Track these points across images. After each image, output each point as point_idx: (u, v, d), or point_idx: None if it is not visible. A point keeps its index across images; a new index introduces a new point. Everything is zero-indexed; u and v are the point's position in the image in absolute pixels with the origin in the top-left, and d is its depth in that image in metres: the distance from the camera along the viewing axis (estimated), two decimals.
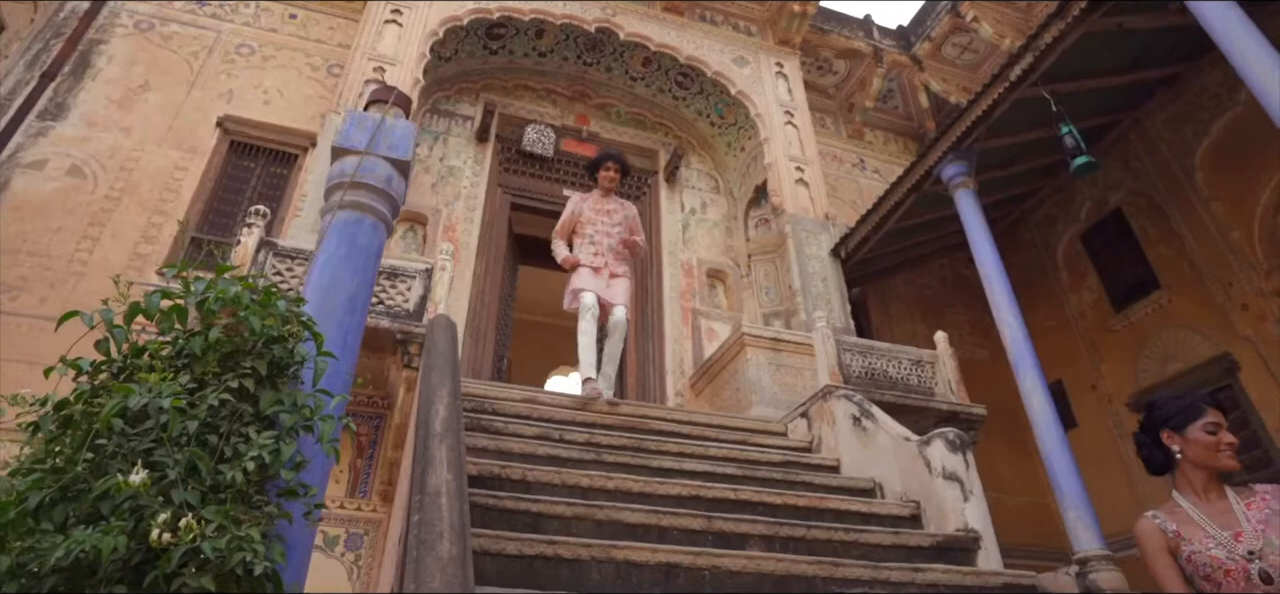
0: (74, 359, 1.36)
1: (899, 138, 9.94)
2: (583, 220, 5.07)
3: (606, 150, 5.33)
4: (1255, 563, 2.04)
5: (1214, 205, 6.97)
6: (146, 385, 1.26)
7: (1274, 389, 6.13)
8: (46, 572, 1.05)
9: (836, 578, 2.65)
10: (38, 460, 1.24)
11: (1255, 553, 2.05)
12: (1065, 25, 5.24)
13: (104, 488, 1.12)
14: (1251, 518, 2.12)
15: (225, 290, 1.48)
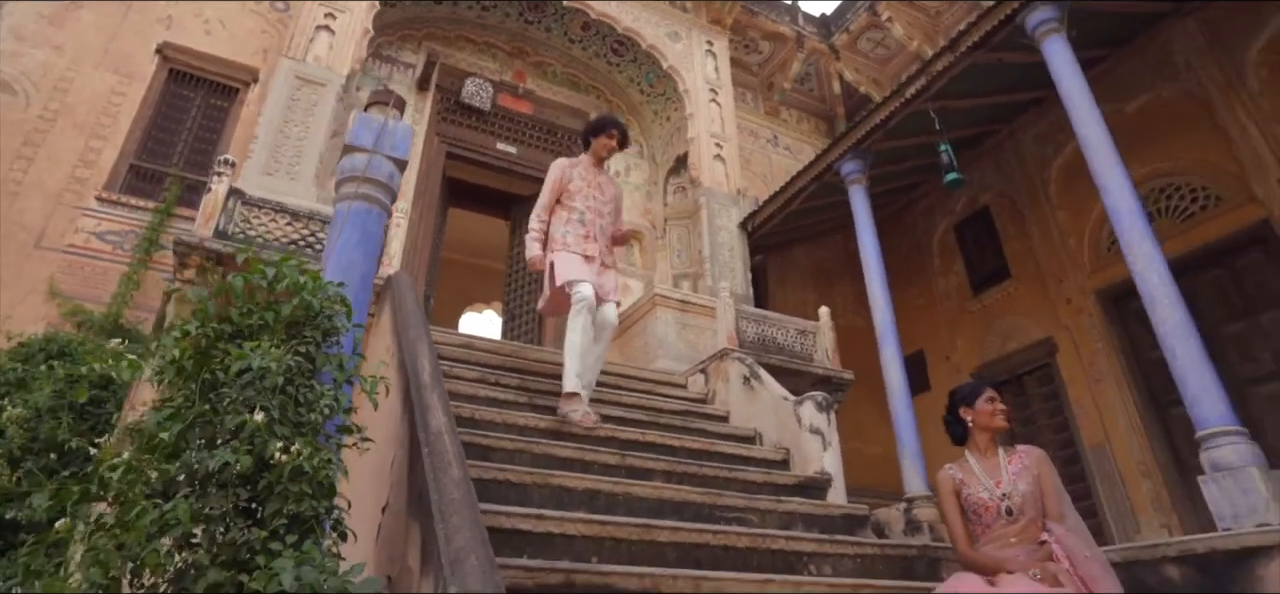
0: (183, 324, 1.87)
1: (811, 118, 10.81)
2: (571, 190, 4.30)
3: (609, 115, 4.83)
4: (1004, 502, 2.97)
5: (1059, 214, 8.21)
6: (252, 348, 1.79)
7: (1079, 368, 7.50)
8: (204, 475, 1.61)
9: (720, 506, 3.45)
10: (167, 399, 1.77)
11: (1006, 495, 2.98)
12: (955, 57, 6.11)
13: (236, 424, 1.67)
14: (1010, 470, 3.05)
15: (295, 277, 1.99)
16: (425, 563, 1.76)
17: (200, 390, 1.77)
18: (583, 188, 4.34)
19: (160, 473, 1.66)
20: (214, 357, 1.84)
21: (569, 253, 4.13)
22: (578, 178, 4.38)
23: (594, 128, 4.55)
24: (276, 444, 1.67)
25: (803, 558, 3.17)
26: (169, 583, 1.60)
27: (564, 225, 4.25)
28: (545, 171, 7.78)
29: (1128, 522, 6.70)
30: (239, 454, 1.63)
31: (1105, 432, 7.16)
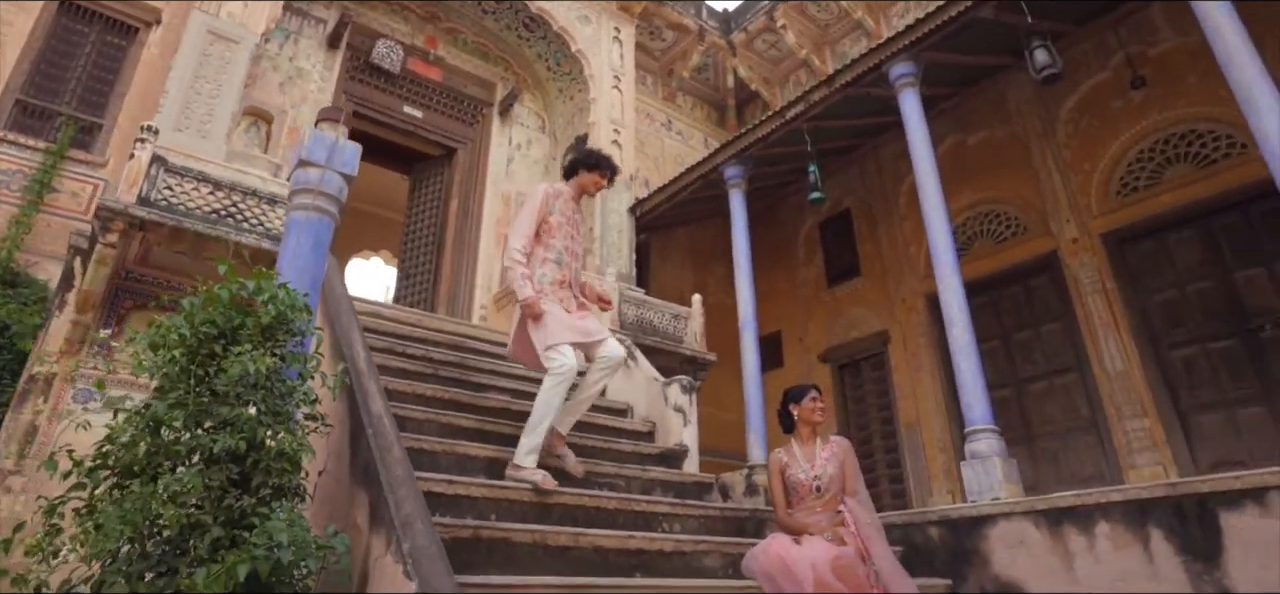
0: (176, 327, 2.31)
1: (704, 106, 11.60)
2: (551, 224, 3.92)
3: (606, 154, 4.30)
4: (815, 481, 3.91)
5: (905, 224, 9.51)
6: (240, 352, 2.27)
7: (905, 358, 8.90)
8: (208, 454, 2.12)
9: (596, 473, 4.20)
10: (169, 390, 2.23)
11: (818, 477, 3.92)
12: (830, 91, 7.02)
13: (231, 415, 2.17)
14: (822, 457, 3.99)
15: (273, 291, 2.46)
16: (375, 523, 2.35)
17: (194, 385, 2.25)
18: (562, 223, 3.95)
19: (165, 449, 2.14)
20: (204, 356, 2.31)
21: (549, 302, 3.74)
22: (558, 211, 3.97)
23: (586, 160, 4.14)
24: (266, 431, 2.20)
25: (660, 518, 3.98)
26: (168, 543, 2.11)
27: (541, 266, 3.84)
28: (450, 137, 8.23)
29: (924, 489, 8.18)
30: (236, 438, 2.15)
31: (918, 413, 8.60)
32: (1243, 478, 3.77)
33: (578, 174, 4.15)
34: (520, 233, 3.87)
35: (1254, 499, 3.65)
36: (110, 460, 2.17)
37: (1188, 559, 3.77)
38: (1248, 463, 6.15)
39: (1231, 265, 7.06)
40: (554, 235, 3.93)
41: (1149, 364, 7.22)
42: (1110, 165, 8.08)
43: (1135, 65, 7.96)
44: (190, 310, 2.32)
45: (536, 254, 3.87)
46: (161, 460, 2.14)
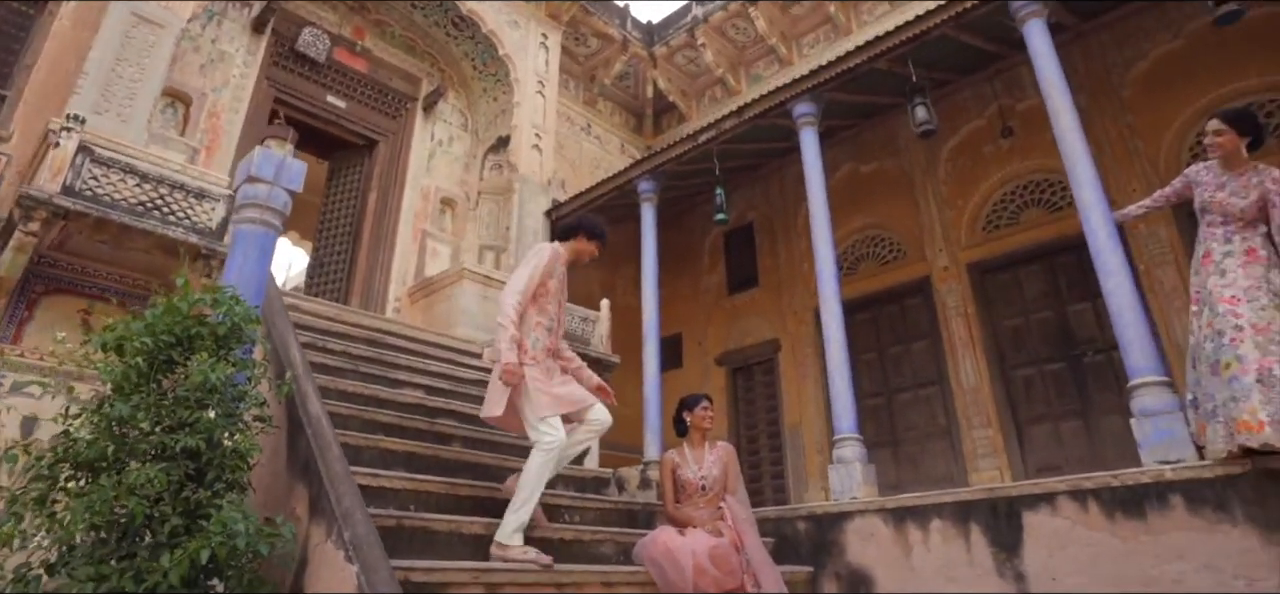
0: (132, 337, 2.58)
1: (623, 112, 12.08)
2: (549, 289, 3.82)
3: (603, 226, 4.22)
4: (702, 481, 4.49)
5: (801, 241, 10.33)
6: (202, 361, 2.56)
7: (793, 365, 9.74)
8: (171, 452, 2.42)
9: (506, 467, 4.62)
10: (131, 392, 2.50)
11: (704, 477, 4.50)
12: (739, 120, 7.65)
13: (194, 417, 2.47)
14: (709, 459, 4.58)
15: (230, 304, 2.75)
16: (315, 514, 2.71)
17: (156, 389, 2.54)
18: (557, 289, 3.89)
19: (130, 447, 2.43)
20: (162, 362, 2.60)
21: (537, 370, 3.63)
22: (557, 275, 3.89)
23: (590, 229, 4.09)
24: (223, 432, 2.52)
25: (562, 510, 4.45)
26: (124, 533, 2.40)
27: (532, 330, 3.72)
28: (372, 129, 8.32)
29: (802, 485, 9.04)
30: (196, 438, 2.46)
31: (801, 416, 9.46)
32: (1039, 485, 4.65)
33: (576, 239, 4.04)
34: (516, 291, 3.67)
35: (1046, 502, 4.50)
36: (71, 456, 2.42)
37: (996, 549, 4.60)
38: (1064, 468, 7.28)
39: (1066, 299, 8.21)
40: (550, 300, 3.80)
41: (996, 381, 8.30)
42: (979, 203, 9.14)
43: (1006, 116, 9.01)
44: (152, 320, 2.60)
45: (529, 316, 3.71)
46: (123, 457, 2.43)
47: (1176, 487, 4.09)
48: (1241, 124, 4.07)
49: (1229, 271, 3.94)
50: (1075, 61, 8.47)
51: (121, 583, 2.22)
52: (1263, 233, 3.97)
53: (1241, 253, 3.97)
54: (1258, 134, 4.11)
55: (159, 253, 4.80)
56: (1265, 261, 3.89)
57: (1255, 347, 3.65)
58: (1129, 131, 8.32)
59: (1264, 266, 3.88)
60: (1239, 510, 3.85)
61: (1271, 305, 3.75)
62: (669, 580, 3.77)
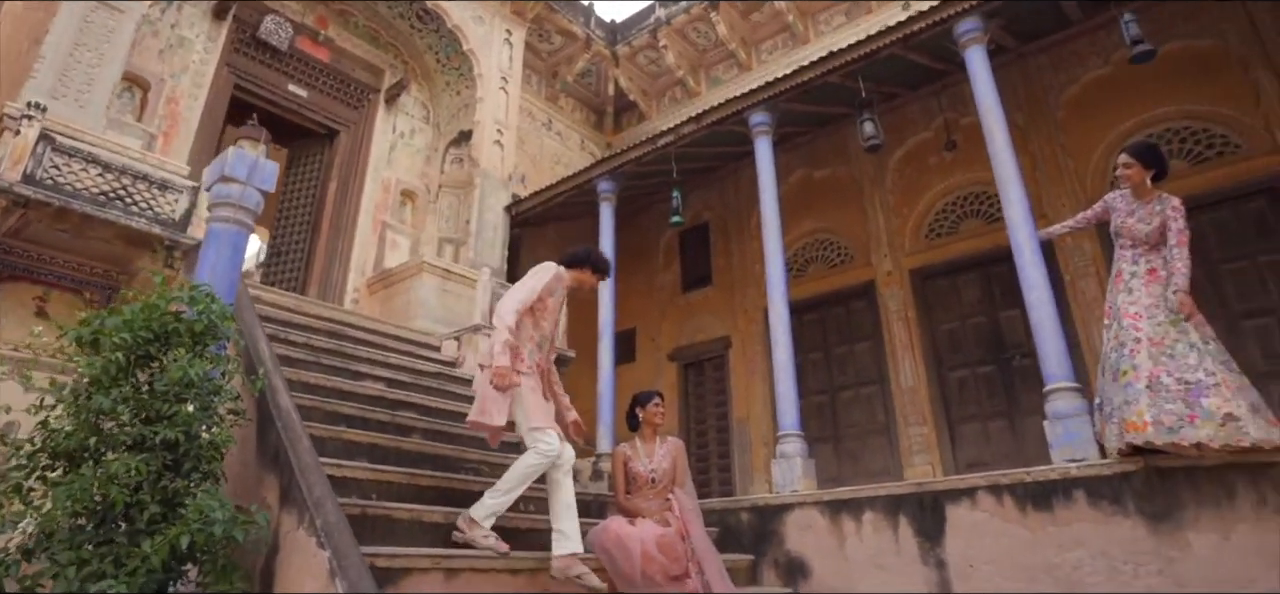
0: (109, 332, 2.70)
1: (584, 109, 12.25)
2: (548, 305, 3.94)
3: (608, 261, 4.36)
4: (652, 474, 4.75)
5: (753, 243, 10.67)
6: (180, 358, 2.70)
7: (743, 362, 10.10)
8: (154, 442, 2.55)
9: (463, 458, 4.82)
10: (110, 385, 2.62)
11: (654, 470, 4.76)
12: (697, 126, 7.92)
13: (173, 411, 2.61)
14: (659, 454, 4.84)
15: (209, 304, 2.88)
16: (286, 502, 2.88)
17: (136, 382, 2.68)
18: (554, 308, 4.00)
19: (109, 439, 2.57)
20: (140, 357, 2.74)
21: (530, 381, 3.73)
22: (557, 296, 4.02)
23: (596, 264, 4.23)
24: (200, 425, 2.67)
25: (518, 500, 4.66)
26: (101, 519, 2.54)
27: (526, 342, 3.79)
28: (333, 119, 8.32)
29: (748, 477, 9.42)
30: (175, 430, 2.61)
31: (749, 411, 9.83)
32: (962, 480, 5.06)
33: (581, 269, 4.16)
34: (516, 300, 3.75)
35: (967, 496, 4.91)
36: (50, 445, 2.55)
37: (921, 539, 5.00)
38: (990, 464, 7.78)
39: (999, 306, 8.72)
40: (545, 317, 3.90)
41: (932, 382, 8.79)
42: (923, 212, 9.60)
43: (950, 129, 9.46)
44: (130, 317, 2.72)
45: (525, 327, 3.78)
46: (102, 448, 2.56)
47: (1080, 483, 4.53)
48: (1146, 157, 4.53)
49: (1135, 290, 4.41)
50: (1015, 82, 8.99)
51: (102, 567, 2.36)
52: (1164, 255, 4.44)
53: (1145, 273, 4.44)
54: (1161, 166, 4.57)
55: (120, 242, 4.81)
56: (1164, 281, 4.36)
57: (1149, 357, 4.12)
58: (1061, 150, 8.86)
59: (1163, 286, 4.34)
60: (1131, 504, 4.31)
61: (1167, 321, 4.22)
62: (618, 567, 4.03)
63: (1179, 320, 4.14)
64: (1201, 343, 4.04)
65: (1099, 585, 4.29)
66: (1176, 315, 4.17)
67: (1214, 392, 3.84)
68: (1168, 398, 3.95)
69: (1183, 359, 4.01)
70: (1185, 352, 4.03)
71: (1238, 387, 3.88)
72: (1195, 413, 3.86)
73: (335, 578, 2.46)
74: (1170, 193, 7.69)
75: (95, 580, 2.31)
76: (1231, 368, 4.01)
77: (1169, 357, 4.08)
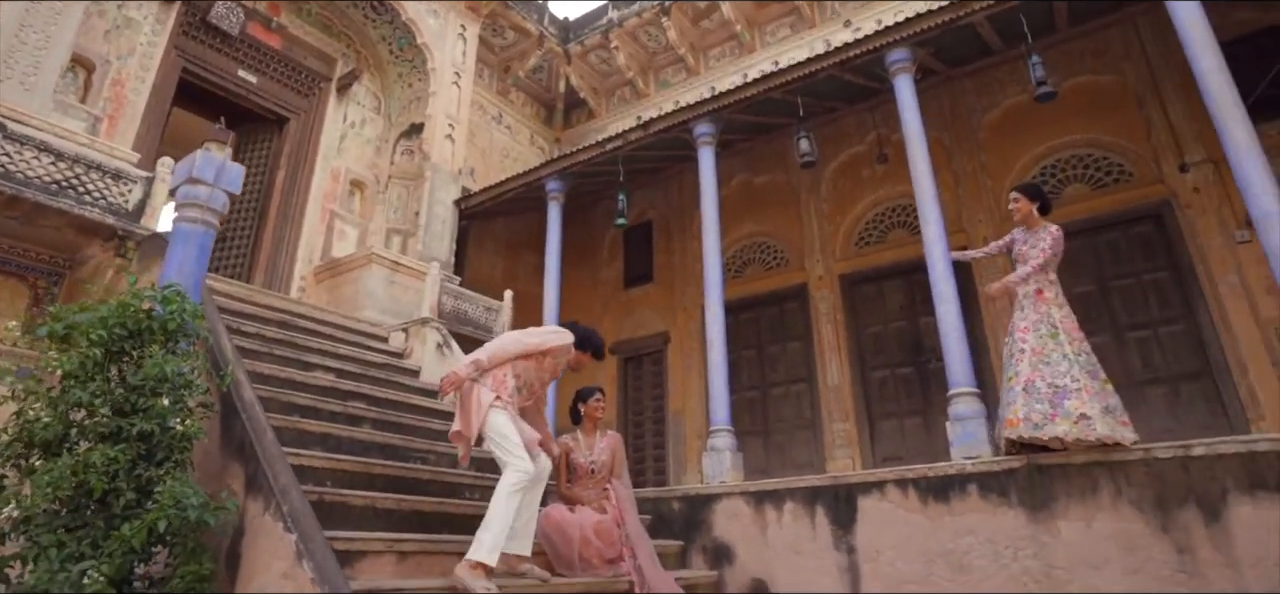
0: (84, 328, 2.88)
1: (534, 104, 12.43)
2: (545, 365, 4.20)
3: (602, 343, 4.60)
4: (592, 465, 5.09)
5: (696, 243, 11.11)
6: (154, 354, 2.89)
7: (680, 357, 10.55)
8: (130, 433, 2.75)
9: (412, 448, 5.07)
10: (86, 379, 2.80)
11: (593, 462, 5.11)
12: (645, 133, 8.25)
13: (151, 405, 2.81)
14: (599, 447, 5.19)
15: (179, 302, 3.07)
16: (252, 490, 3.11)
17: (111, 378, 2.87)
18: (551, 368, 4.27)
19: (88, 430, 2.76)
20: (115, 353, 2.93)
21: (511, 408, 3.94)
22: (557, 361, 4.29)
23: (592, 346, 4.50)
24: (174, 418, 2.89)
25: (463, 487, 4.96)
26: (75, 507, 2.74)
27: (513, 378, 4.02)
28: (283, 106, 8.31)
29: (681, 467, 9.90)
30: (151, 422, 2.82)
31: (685, 404, 10.30)
32: (872, 474, 5.59)
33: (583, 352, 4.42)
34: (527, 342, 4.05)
35: (877, 488, 5.44)
36: (26, 435, 2.73)
37: (836, 527, 5.50)
38: (905, 459, 8.43)
39: (920, 313, 9.38)
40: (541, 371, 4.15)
41: (856, 381, 9.41)
42: (854, 221, 10.21)
43: (882, 144, 10.07)
44: (106, 314, 2.91)
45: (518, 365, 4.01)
46: (78, 438, 2.76)
47: (974, 478, 5.10)
48: (1031, 193, 5.21)
49: (1026, 308, 5.08)
50: (943, 103, 9.66)
51: (80, 548, 2.57)
52: (1050, 278, 5.07)
53: (1033, 293, 5.10)
54: (1043, 200, 5.24)
55: (71, 231, 4.83)
56: (1048, 300, 5.02)
57: (1029, 365, 4.79)
58: (981, 169, 9.57)
59: (1048, 304, 5.01)
60: (1015, 496, 4.89)
61: (1047, 334, 4.89)
62: (558, 550, 4.38)
63: (1057, 334, 4.79)
64: (1073, 354, 4.71)
65: (985, 568, 4.86)
66: (1055, 329, 4.81)
67: (1075, 395, 4.53)
68: (1038, 399, 4.65)
69: (1056, 367, 4.68)
70: (1058, 360, 4.71)
71: (1096, 392, 4.58)
72: (1057, 412, 4.59)
73: (303, 560, 2.72)
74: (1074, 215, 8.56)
75: (74, 561, 2.51)
76: (1096, 376, 4.68)
77: (1045, 364, 4.75)
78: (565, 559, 4.35)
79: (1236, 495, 4.21)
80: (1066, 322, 4.91)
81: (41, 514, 2.59)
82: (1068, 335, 4.81)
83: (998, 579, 4.76)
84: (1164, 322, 8.02)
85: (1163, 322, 8.03)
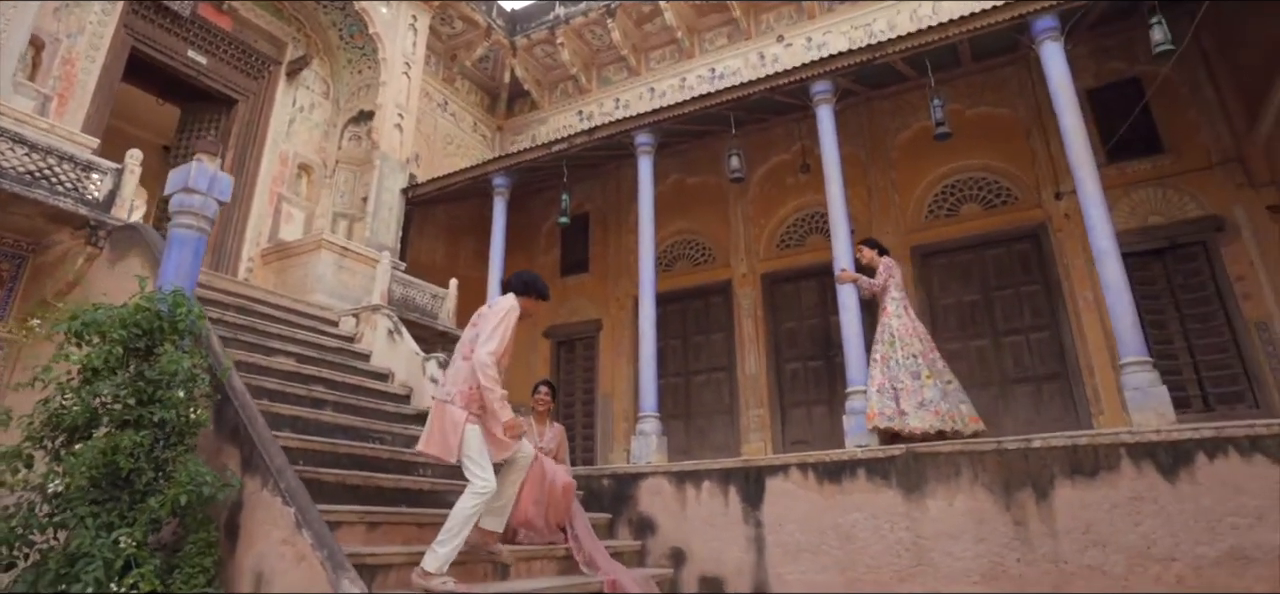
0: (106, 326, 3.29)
1: (479, 92, 12.74)
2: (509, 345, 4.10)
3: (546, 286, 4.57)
4: (541, 448, 5.73)
5: (630, 237, 11.77)
6: (168, 350, 3.32)
7: (612, 343, 11.24)
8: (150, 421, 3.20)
9: (371, 429, 5.56)
10: (107, 374, 3.22)
11: (544, 447, 5.75)
12: (589, 138, 8.81)
13: (169, 397, 3.25)
14: (548, 434, 5.84)
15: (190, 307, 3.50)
16: (248, 469, 3.60)
17: (134, 371, 3.31)
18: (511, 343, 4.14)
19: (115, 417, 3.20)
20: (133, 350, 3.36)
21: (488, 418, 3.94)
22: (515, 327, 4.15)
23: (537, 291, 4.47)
24: (191, 407, 3.35)
25: (415, 466, 5.49)
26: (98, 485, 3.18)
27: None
28: (233, 87, 8.42)
29: (609, 446, 10.64)
30: (170, 411, 3.28)
31: (614, 388, 11.02)
32: (778, 458, 6.44)
33: (528, 296, 4.39)
34: (493, 349, 3.91)
35: (782, 471, 6.27)
36: (56, 421, 3.16)
37: (746, 504, 6.31)
38: (811, 444, 9.43)
39: (830, 311, 10.30)
40: (507, 354, 4.07)
41: (771, 372, 10.33)
42: (777, 224, 11.09)
43: (806, 155, 10.93)
44: (125, 315, 3.33)
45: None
46: (99, 424, 3.20)
47: (862, 463, 5.99)
48: (869, 244, 6.90)
49: (879, 325, 6.24)
50: (862, 121, 10.62)
51: (110, 519, 3.04)
52: (892, 296, 6.48)
53: (882, 310, 6.24)
54: (880, 248, 6.81)
55: (41, 219, 5.02)
56: (889, 314, 6.42)
57: (880, 370, 6.05)
58: (891, 185, 10.58)
59: (888, 317, 6.40)
60: (894, 479, 5.80)
61: (888, 342, 6.30)
62: None
63: (894, 342, 6.18)
64: (902, 359, 6.06)
65: (867, 538, 5.77)
66: (892, 338, 6.04)
67: (903, 395, 5.89)
68: (887, 397, 5.99)
69: (894, 371, 6.05)
70: (894, 365, 6.11)
71: (914, 391, 5.96)
72: (892, 409, 5.91)
73: (302, 529, 3.25)
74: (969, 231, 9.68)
75: (107, 530, 2.97)
76: (918, 376, 6.01)
77: (886, 368, 6.07)
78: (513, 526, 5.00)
79: (1061, 479, 5.22)
80: (902, 331, 6.25)
81: (76, 490, 3.03)
82: (901, 342, 6.17)
83: (877, 547, 5.68)
84: (1034, 329, 9.25)
85: (1033, 329, 9.26)
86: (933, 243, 9.99)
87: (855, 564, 5.60)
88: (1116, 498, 4.93)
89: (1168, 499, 4.77)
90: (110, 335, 3.25)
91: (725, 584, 6.06)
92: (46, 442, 3.17)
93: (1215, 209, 8.50)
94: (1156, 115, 9.04)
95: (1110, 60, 9.44)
